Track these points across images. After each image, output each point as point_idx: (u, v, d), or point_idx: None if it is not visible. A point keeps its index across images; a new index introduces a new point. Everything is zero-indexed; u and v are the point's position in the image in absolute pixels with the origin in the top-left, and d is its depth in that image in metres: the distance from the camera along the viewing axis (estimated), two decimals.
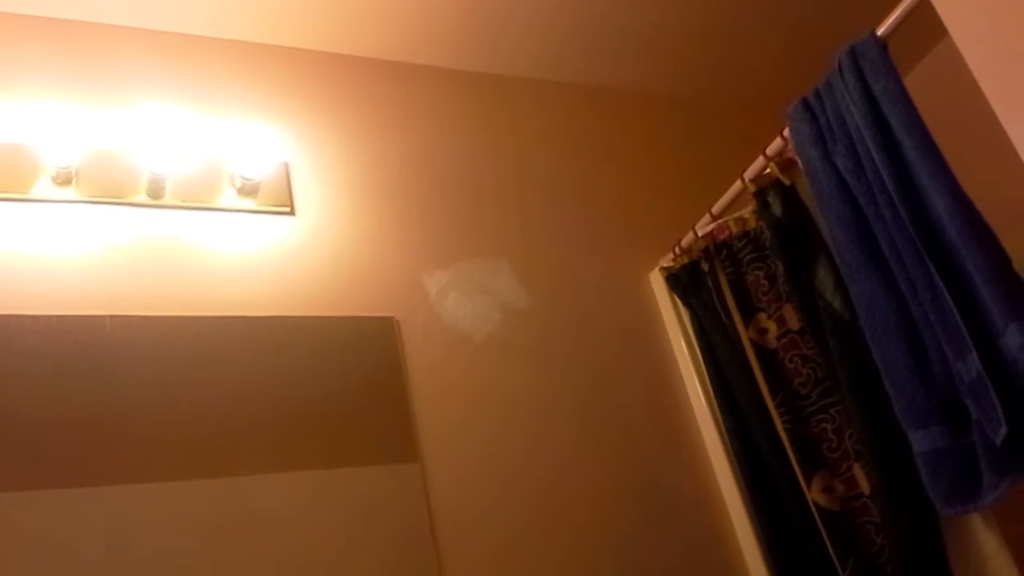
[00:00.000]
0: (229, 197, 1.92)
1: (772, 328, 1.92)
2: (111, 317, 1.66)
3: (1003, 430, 1.30)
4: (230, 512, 1.56)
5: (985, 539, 1.48)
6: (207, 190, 1.90)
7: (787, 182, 1.85)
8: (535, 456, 1.88)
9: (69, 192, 1.77)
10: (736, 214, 2.03)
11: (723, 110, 2.76)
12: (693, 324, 2.13)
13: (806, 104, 1.70)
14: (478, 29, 2.34)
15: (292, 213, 1.97)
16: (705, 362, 2.08)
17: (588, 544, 1.83)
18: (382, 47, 2.32)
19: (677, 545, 1.91)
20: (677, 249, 2.17)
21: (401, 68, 2.36)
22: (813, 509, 1.76)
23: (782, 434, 1.84)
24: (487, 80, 2.47)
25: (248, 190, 1.92)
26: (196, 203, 1.88)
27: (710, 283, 2.06)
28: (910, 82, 1.50)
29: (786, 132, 1.77)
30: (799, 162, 1.74)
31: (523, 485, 1.84)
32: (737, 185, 1.97)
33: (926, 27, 1.51)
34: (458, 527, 1.72)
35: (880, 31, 1.55)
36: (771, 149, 1.84)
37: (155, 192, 1.83)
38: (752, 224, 1.99)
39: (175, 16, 2.07)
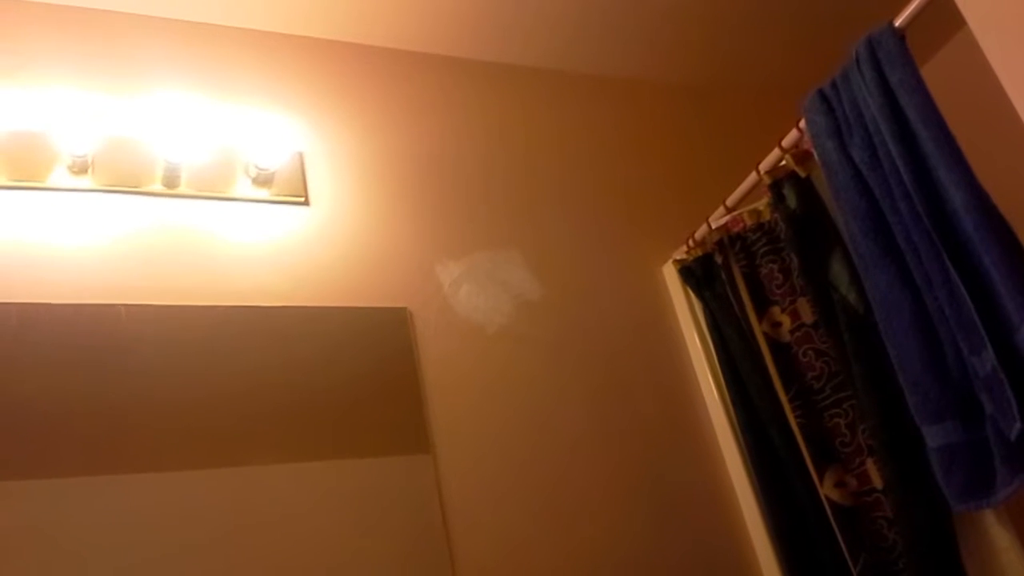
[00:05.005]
0: (244, 187, 1.92)
1: (786, 321, 1.91)
2: (125, 306, 1.67)
3: (1017, 426, 1.29)
4: (241, 501, 1.57)
5: (998, 535, 1.47)
6: (222, 180, 1.90)
7: (803, 174, 1.83)
8: (547, 447, 1.89)
9: (85, 181, 1.77)
10: (751, 206, 2.02)
11: (738, 100, 2.74)
12: (706, 317, 2.12)
13: (822, 96, 1.68)
14: (491, 19, 2.33)
15: (306, 203, 1.98)
16: (718, 355, 2.07)
17: (600, 536, 1.83)
18: (396, 37, 2.31)
19: (689, 538, 1.91)
20: (691, 242, 2.16)
21: (414, 58, 2.36)
22: (825, 504, 1.75)
23: (795, 428, 1.83)
24: (499, 70, 2.46)
25: (263, 180, 1.93)
26: (211, 193, 1.88)
27: (724, 276, 2.05)
28: (927, 73, 1.48)
29: (802, 124, 1.75)
30: (815, 154, 1.72)
31: (535, 476, 1.84)
32: (752, 177, 1.96)
33: (944, 17, 1.49)
34: (470, 517, 1.73)
35: (898, 22, 1.53)
36: (787, 141, 1.83)
37: (170, 181, 1.84)
38: (767, 216, 1.98)
39: (191, 4, 2.08)
